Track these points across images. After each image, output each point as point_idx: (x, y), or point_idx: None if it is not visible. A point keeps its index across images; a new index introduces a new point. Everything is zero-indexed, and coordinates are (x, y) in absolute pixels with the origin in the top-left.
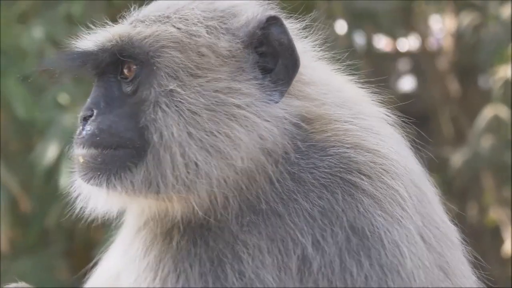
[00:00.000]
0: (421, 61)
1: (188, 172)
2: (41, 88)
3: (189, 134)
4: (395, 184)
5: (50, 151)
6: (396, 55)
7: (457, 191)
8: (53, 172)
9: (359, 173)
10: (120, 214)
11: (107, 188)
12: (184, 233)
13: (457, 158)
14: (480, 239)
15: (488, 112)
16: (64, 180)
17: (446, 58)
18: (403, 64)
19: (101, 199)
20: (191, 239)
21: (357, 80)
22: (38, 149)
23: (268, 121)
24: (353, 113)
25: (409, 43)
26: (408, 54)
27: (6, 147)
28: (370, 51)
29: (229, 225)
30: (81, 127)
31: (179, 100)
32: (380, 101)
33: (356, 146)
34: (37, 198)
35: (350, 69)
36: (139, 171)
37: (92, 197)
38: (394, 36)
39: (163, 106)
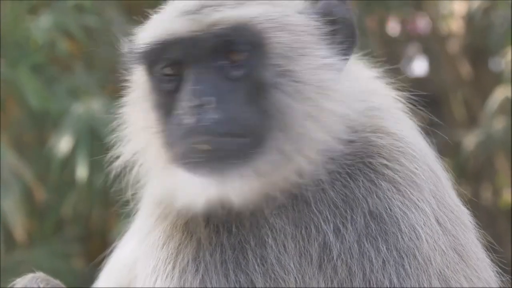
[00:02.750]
0: (432, 45)
1: (308, 152)
2: (54, 78)
3: (308, 113)
4: (413, 167)
5: (65, 141)
6: (406, 38)
7: (471, 174)
8: (68, 161)
9: (379, 156)
10: (136, 201)
11: (233, 177)
12: (207, 222)
13: (470, 141)
14: (494, 221)
15: (499, 94)
16: (81, 169)
17: (457, 41)
18: (414, 48)
19: (225, 189)
20: (214, 228)
21: (369, 64)
22: (52, 139)
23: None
24: (369, 95)
25: (420, 26)
26: (419, 37)
27: (21, 139)
28: (381, 35)
29: (262, 207)
30: (197, 116)
31: (294, 79)
32: (392, 84)
33: (377, 129)
34: (52, 188)
35: (362, 53)
36: (263, 158)
37: (212, 188)
38: (405, 19)
39: (282, 87)
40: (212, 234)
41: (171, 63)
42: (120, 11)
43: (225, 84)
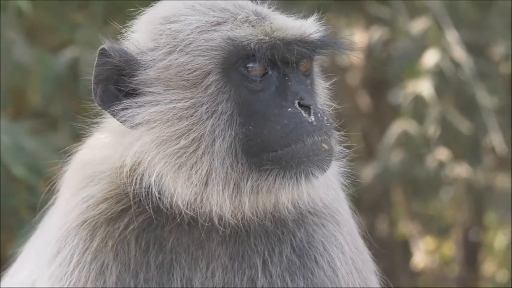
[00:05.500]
0: (331, 76)
1: None
2: None
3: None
4: (337, 205)
5: None
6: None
7: (368, 205)
8: None
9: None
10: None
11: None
12: (137, 239)
13: (368, 173)
14: (390, 253)
15: (397, 127)
16: None
17: (357, 72)
18: None
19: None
20: (144, 246)
21: None
22: None
23: None
24: None
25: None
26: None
27: None
28: None
29: (213, 229)
30: (312, 115)
31: (325, 93)
32: None
33: None
34: None
35: None
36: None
37: (318, 187)
38: None
39: (322, 100)
40: (139, 253)
41: (265, 63)
42: (21, 33)
43: (309, 90)
